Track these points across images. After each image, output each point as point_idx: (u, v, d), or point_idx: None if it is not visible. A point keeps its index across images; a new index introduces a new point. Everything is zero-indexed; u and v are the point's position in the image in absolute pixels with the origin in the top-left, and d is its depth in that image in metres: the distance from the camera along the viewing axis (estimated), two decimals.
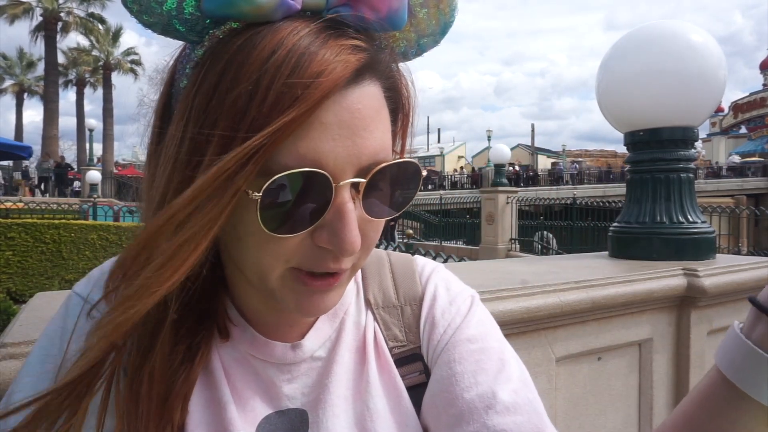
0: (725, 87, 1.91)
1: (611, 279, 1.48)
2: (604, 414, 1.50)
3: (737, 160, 33.39)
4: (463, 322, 0.62)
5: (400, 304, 0.65)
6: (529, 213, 13.19)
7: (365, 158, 0.46)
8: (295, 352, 0.59)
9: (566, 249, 10.63)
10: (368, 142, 0.46)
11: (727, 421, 0.51)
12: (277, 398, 0.58)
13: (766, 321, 0.49)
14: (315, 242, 0.47)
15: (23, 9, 28.56)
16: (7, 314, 4.49)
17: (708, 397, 0.53)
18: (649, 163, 1.97)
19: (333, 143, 0.44)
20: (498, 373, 0.57)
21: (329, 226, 0.46)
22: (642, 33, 1.95)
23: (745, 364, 0.50)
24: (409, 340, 0.63)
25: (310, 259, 0.48)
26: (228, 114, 0.42)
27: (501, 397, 0.55)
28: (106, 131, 31.60)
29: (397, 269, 0.69)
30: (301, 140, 0.43)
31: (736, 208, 9.57)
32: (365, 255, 0.54)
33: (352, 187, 0.47)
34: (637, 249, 1.94)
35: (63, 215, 11.20)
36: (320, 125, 0.43)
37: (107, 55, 33.65)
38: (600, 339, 1.48)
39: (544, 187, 27.42)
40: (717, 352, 0.54)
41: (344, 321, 0.63)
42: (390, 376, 0.61)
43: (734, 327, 0.53)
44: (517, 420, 0.54)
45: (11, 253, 7.42)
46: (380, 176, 0.48)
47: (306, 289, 0.50)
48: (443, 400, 0.57)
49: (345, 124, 0.44)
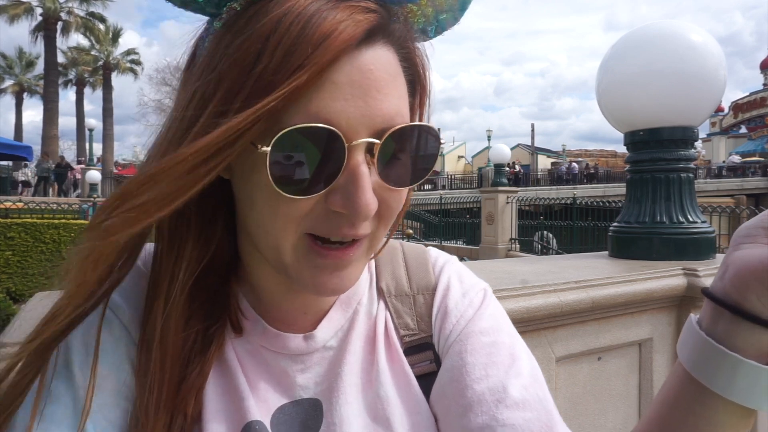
0: (725, 87, 1.91)
1: (611, 279, 1.48)
2: (604, 414, 1.50)
3: (737, 160, 33.38)
4: (476, 314, 0.62)
5: (413, 293, 0.65)
6: (529, 213, 13.19)
7: (379, 120, 0.45)
8: (307, 343, 0.59)
9: (566, 249, 10.63)
10: (382, 104, 0.45)
11: (702, 420, 0.50)
12: (291, 388, 0.59)
13: (726, 315, 0.49)
14: (330, 206, 0.46)
15: (24, 9, 28.55)
16: (6, 314, 4.50)
17: (678, 396, 0.52)
18: (649, 163, 1.97)
19: (345, 103, 0.43)
20: (509, 368, 0.57)
21: (343, 189, 0.45)
22: (642, 33, 1.95)
23: (709, 361, 0.49)
24: (420, 329, 0.63)
25: (324, 224, 0.47)
26: (235, 68, 0.43)
27: (511, 392, 0.55)
28: (105, 131, 31.61)
29: (410, 259, 0.68)
30: (312, 100, 0.43)
31: (736, 208, 9.56)
32: (383, 228, 0.52)
33: (367, 151, 0.46)
34: (637, 249, 1.94)
35: (63, 215, 11.20)
36: (331, 85, 0.43)
37: (107, 55, 33.66)
38: (600, 339, 1.48)
39: (544, 187, 27.42)
40: (679, 348, 0.53)
41: (357, 311, 0.63)
42: (400, 365, 0.61)
43: (692, 322, 0.52)
44: (526, 416, 0.53)
45: (11, 252, 7.42)
46: (396, 140, 0.47)
47: (322, 262, 0.49)
48: (453, 390, 0.57)
49: (357, 84, 0.44)
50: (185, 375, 0.53)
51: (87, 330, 0.51)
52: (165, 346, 0.51)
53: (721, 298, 0.50)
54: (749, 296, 0.47)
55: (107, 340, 0.52)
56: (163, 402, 0.51)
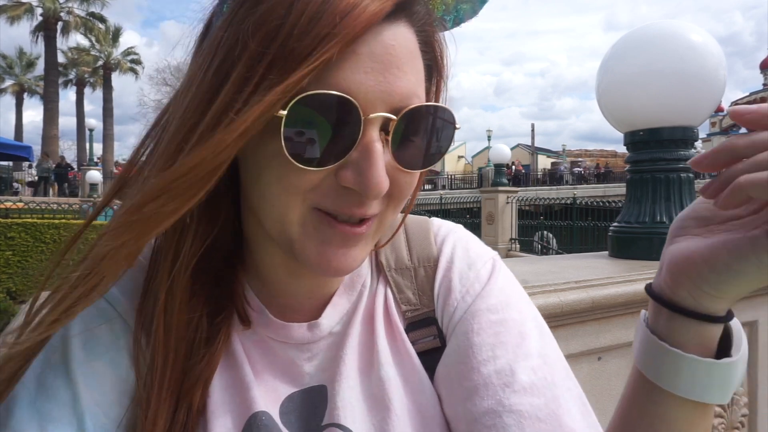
0: (725, 87, 1.91)
1: (611, 279, 1.48)
2: (604, 414, 1.49)
3: None
4: (484, 289, 0.59)
5: (414, 266, 0.62)
6: (529, 213, 13.19)
7: (397, 98, 0.45)
8: (312, 332, 0.58)
9: (566, 249, 10.63)
10: (401, 81, 0.45)
11: (657, 418, 0.50)
12: (299, 377, 0.58)
13: (664, 311, 0.49)
14: (340, 182, 0.45)
15: (24, 9, 28.56)
16: (7, 314, 4.50)
17: (633, 393, 0.53)
18: (649, 163, 1.97)
19: (365, 75, 0.43)
20: (517, 348, 0.55)
21: (355, 165, 0.44)
22: (642, 33, 1.94)
23: (655, 357, 0.49)
24: (422, 303, 0.61)
25: (332, 200, 0.46)
26: (258, 32, 0.41)
27: (519, 375, 0.52)
28: (106, 131, 31.65)
29: (411, 229, 0.65)
30: (332, 70, 0.42)
31: None
32: (392, 211, 0.51)
33: (382, 129, 0.45)
34: (637, 249, 1.94)
35: (63, 215, 11.20)
36: (353, 55, 0.42)
37: (107, 55, 33.68)
38: (600, 339, 1.48)
39: (543, 187, 27.41)
40: (633, 346, 0.54)
41: (362, 293, 0.61)
42: (401, 344, 0.59)
43: (641, 319, 0.52)
44: (533, 402, 0.51)
45: (11, 252, 7.42)
46: (412, 120, 0.46)
47: (330, 235, 0.48)
48: (458, 372, 0.55)
49: (378, 58, 0.43)
50: (191, 365, 0.52)
51: (85, 325, 0.51)
52: (168, 325, 0.51)
53: (657, 293, 0.50)
54: (680, 291, 0.47)
55: (105, 335, 0.52)
56: (166, 389, 0.50)
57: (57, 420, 0.47)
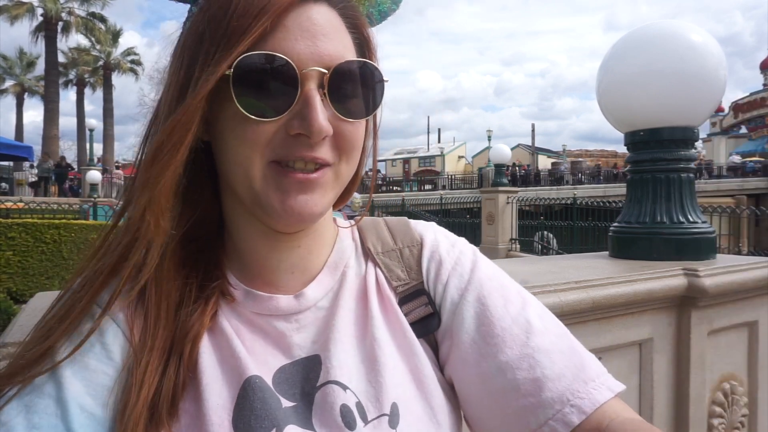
0: (725, 87, 1.91)
1: (611, 279, 1.48)
2: None
3: (738, 160, 33.34)
4: (476, 264, 0.68)
5: (399, 247, 0.70)
6: (529, 213, 13.19)
7: (326, 57, 0.53)
8: (299, 301, 0.62)
9: (566, 249, 10.63)
10: (328, 44, 0.54)
11: None
12: (288, 349, 0.61)
13: None
14: (289, 132, 0.53)
15: (25, 9, 28.55)
16: (7, 314, 4.50)
17: None
18: (650, 163, 1.97)
19: (295, 42, 0.52)
20: (523, 302, 0.65)
21: (299, 114, 0.52)
22: (642, 33, 1.94)
23: None
24: (411, 277, 0.68)
25: (285, 149, 0.54)
26: (212, 22, 0.52)
27: (533, 322, 0.62)
28: (106, 131, 31.65)
29: (392, 223, 0.74)
30: (268, 41, 0.52)
31: (737, 208, 9.55)
32: (345, 162, 0.58)
33: (319, 87, 0.53)
34: (637, 249, 1.94)
35: (63, 215, 11.20)
36: (283, 27, 0.52)
37: (107, 55, 33.67)
38: (600, 339, 1.48)
39: (544, 187, 27.40)
40: None
41: (345, 273, 0.67)
42: (394, 315, 0.64)
43: None
44: (551, 339, 0.61)
45: (11, 252, 7.42)
46: (343, 74, 0.54)
47: (287, 183, 0.54)
48: (483, 332, 0.62)
49: (305, 28, 0.53)
50: (182, 321, 0.56)
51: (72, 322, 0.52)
52: (159, 287, 0.55)
53: None
54: None
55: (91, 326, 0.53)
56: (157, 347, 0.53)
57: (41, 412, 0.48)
